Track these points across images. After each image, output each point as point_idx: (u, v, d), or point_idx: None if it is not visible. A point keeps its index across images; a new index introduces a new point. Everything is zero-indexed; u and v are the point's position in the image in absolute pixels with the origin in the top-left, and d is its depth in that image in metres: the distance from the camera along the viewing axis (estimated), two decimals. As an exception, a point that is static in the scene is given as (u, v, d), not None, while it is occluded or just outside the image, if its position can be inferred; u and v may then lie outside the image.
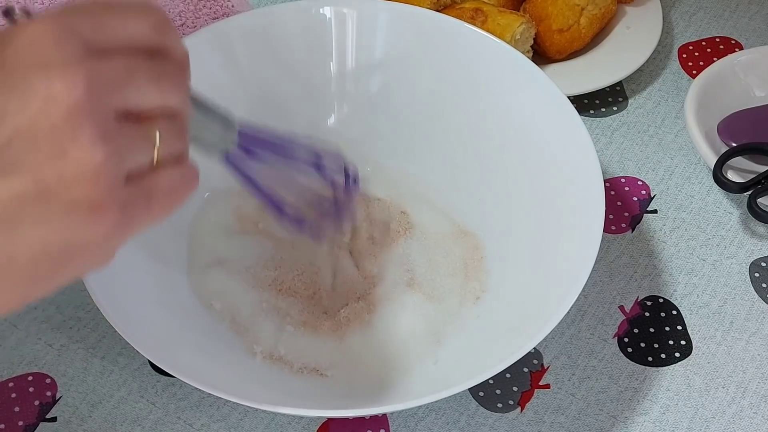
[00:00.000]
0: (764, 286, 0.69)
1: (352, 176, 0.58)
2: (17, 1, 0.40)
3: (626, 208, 0.73)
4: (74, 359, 0.63)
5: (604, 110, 0.80)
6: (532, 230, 0.63)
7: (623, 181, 0.75)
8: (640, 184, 0.75)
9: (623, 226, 0.72)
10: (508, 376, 0.63)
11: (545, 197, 0.64)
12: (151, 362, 0.62)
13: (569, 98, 0.65)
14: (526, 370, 0.63)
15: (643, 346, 0.65)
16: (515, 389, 0.62)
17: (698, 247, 0.71)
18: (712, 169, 0.70)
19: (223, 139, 0.46)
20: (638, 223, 0.72)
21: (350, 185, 0.59)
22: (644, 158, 0.76)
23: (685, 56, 0.84)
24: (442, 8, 0.78)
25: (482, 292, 0.63)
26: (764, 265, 0.70)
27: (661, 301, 0.68)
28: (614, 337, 0.66)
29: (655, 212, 0.73)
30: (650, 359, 0.64)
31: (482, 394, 0.62)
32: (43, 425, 0.60)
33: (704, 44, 0.85)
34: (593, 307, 0.67)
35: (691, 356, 0.65)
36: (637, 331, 0.66)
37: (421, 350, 0.60)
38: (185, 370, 0.53)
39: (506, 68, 0.68)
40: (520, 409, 0.62)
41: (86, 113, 0.34)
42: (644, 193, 0.74)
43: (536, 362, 0.64)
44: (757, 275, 0.69)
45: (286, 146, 0.54)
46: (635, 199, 0.74)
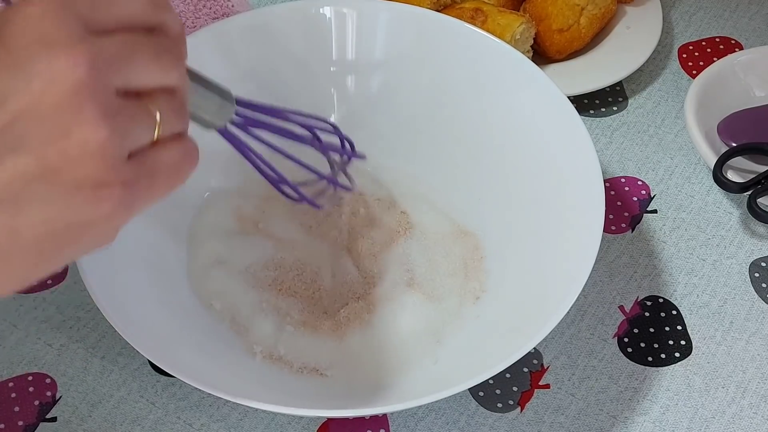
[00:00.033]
0: (764, 286, 0.69)
1: (348, 146, 0.59)
2: None
3: (626, 208, 0.73)
4: (74, 359, 0.63)
5: (604, 110, 0.80)
6: (531, 230, 0.63)
7: (623, 181, 0.75)
8: (640, 184, 0.75)
9: (623, 226, 0.72)
10: (508, 376, 0.63)
11: (545, 197, 0.64)
12: (150, 362, 0.62)
13: (569, 98, 0.65)
14: (526, 370, 0.63)
15: (643, 346, 0.65)
16: (515, 389, 0.62)
17: (698, 247, 0.71)
18: (712, 169, 0.70)
19: (221, 112, 0.46)
20: (638, 223, 0.72)
21: (347, 154, 0.60)
22: (644, 158, 0.76)
23: (685, 56, 0.84)
24: (442, 8, 0.78)
25: (482, 292, 0.63)
26: (764, 265, 0.70)
27: (661, 301, 0.68)
28: (614, 337, 0.66)
29: (655, 212, 0.73)
30: (650, 359, 0.64)
31: (482, 394, 0.62)
32: (43, 425, 0.60)
33: (704, 44, 0.85)
34: (593, 307, 0.67)
35: (691, 356, 0.65)
36: (637, 331, 0.66)
37: (420, 350, 0.60)
38: (185, 370, 0.53)
39: (506, 68, 0.68)
40: (520, 409, 0.62)
41: (89, 91, 0.34)
42: (644, 193, 0.74)
43: (536, 362, 0.64)
44: (757, 275, 0.69)
45: (283, 117, 0.55)
46: (635, 199, 0.74)
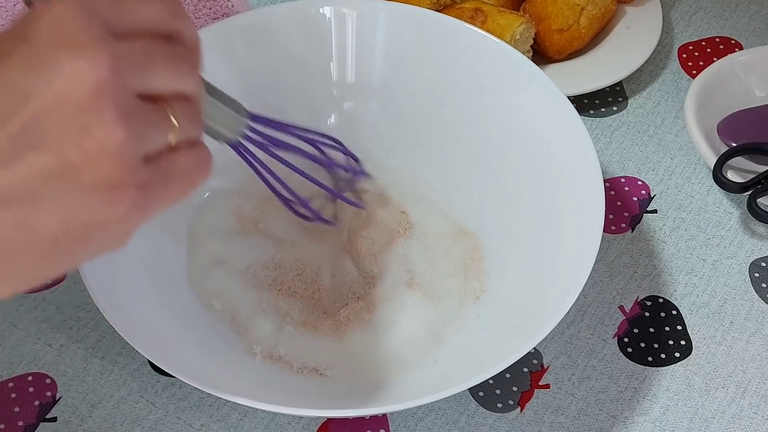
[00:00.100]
0: (764, 286, 0.69)
1: (355, 163, 0.61)
2: None
3: (626, 208, 0.73)
4: (74, 359, 0.63)
5: (604, 110, 0.80)
6: (531, 230, 0.63)
7: (623, 181, 0.75)
8: (640, 184, 0.75)
9: (623, 226, 0.72)
10: (508, 376, 0.63)
11: (545, 197, 0.64)
12: (150, 362, 0.62)
13: (569, 98, 0.65)
14: (525, 370, 0.63)
15: (643, 346, 0.65)
16: (515, 389, 0.62)
17: (698, 247, 0.71)
18: (712, 169, 0.70)
19: (234, 124, 0.47)
20: (638, 223, 0.72)
21: (355, 172, 0.61)
22: (644, 158, 0.76)
23: (685, 56, 0.84)
24: (442, 8, 0.78)
25: (482, 292, 0.63)
26: (764, 265, 0.70)
27: (661, 301, 0.68)
28: (614, 337, 0.66)
29: (655, 212, 0.73)
30: (650, 359, 0.64)
31: (482, 394, 0.62)
32: (43, 425, 0.60)
33: (704, 44, 0.85)
34: (593, 307, 0.67)
35: (691, 356, 0.65)
36: (637, 331, 0.66)
37: (420, 350, 0.60)
38: (185, 370, 0.53)
39: (506, 68, 0.68)
40: (519, 409, 0.62)
41: (110, 92, 0.35)
42: (644, 193, 0.74)
43: (536, 362, 0.64)
44: (757, 275, 0.69)
45: (296, 135, 0.57)
46: (635, 199, 0.73)
